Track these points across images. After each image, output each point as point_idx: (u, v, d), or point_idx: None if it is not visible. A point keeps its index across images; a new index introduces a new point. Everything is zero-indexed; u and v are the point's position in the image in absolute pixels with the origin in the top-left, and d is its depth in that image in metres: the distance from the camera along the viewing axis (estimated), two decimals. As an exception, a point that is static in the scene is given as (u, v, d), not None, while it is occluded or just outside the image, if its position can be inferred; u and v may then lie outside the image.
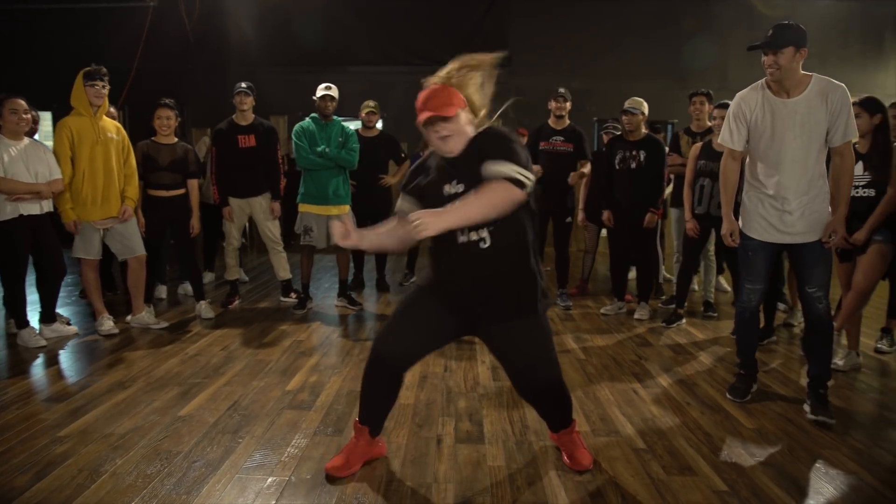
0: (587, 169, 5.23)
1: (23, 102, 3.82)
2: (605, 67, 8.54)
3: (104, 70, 4.06)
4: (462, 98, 2.03)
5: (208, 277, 5.78)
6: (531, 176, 1.94)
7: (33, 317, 4.07)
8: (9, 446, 2.49)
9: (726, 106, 4.10)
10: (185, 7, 7.96)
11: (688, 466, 2.37)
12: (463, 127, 2.03)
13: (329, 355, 3.72)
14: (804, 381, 3.06)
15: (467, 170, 2.01)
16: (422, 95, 2.06)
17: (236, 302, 5.04)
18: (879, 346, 3.89)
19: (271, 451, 2.47)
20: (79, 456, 2.41)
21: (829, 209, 2.80)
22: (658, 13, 8.50)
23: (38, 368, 3.47)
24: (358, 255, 5.67)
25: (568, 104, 5.04)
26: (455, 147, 2.04)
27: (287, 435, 2.61)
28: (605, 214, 4.76)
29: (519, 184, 1.90)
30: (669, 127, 8.52)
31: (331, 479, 2.23)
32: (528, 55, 8.58)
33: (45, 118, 6.78)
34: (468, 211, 1.87)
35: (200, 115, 8.29)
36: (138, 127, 4.40)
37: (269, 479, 2.25)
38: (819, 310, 2.83)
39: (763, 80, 2.84)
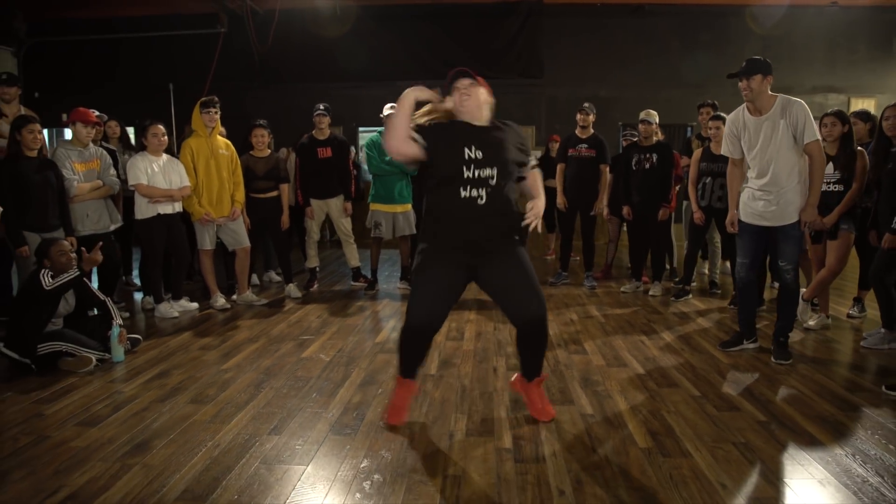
0: (607, 173, 6.06)
1: (162, 127, 4.91)
2: (629, 76, 9.43)
3: (216, 99, 5.15)
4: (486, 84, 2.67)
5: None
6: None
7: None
8: (192, 373, 3.55)
9: (719, 118, 5.02)
10: (254, 33, 9.09)
11: (673, 383, 3.31)
12: (482, 99, 2.61)
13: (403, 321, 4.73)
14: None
15: (491, 145, 2.58)
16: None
17: (315, 286, 6.09)
18: (851, 312, 4.73)
19: (376, 375, 3.48)
20: (242, 380, 3.45)
21: (801, 200, 3.57)
22: (676, 26, 9.34)
23: (181, 331, 4.54)
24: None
25: (591, 116, 5.93)
26: (472, 109, 2.59)
27: (385, 368, 3.62)
28: (625, 209, 5.69)
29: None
30: (688, 130, 9.35)
31: (392, 428, 2.77)
32: (558, 67, 9.53)
33: (130, 132, 7.90)
34: (540, 191, 2.75)
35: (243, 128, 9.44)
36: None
37: (380, 390, 3.25)
38: (787, 279, 3.70)
39: (745, 103, 3.70)
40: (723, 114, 5.11)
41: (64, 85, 9.63)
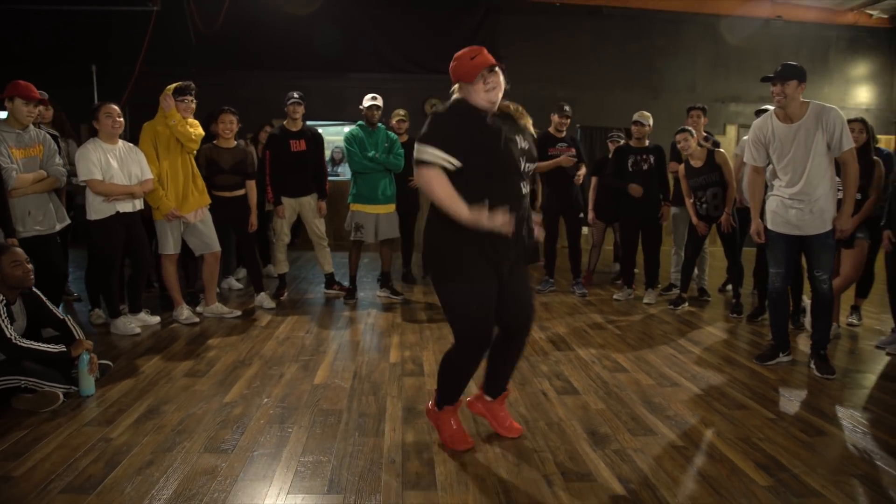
0: (583, 170, 5.84)
1: (116, 107, 4.17)
2: (586, 77, 9.32)
3: (193, 85, 4.47)
4: None
5: (241, 273, 6.16)
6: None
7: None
8: (189, 410, 2.95)
9: (685, 130, 4.96)
10: (191, 12, 8.22)
11: (742, 405, 3.09)
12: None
13: (406, 335, 4.28)
14: (803, 347, 3.85)
15: (526, 137, 2.46)
16: (475, 48, 2.38)
17: (286, 294, 5.49)
18: (851, 320, 4.75)
19: (416, 405, 3.03)
20: (257, 416, 2.90)
21: (834, 207, 3.52)
22: (633, 30, 9.34)
23: (148, 352, 3.86)
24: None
25: (569, 120, 5.70)
26: (497, 99, 2.36)
27: (419, 395, 3.17)
28: (632, 187, 5.36)
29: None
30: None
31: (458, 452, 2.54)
32: (517, 65, 9.25)
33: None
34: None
35: (200, 118, 8.59)
36: (139, 128, 4.73)
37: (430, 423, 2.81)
38: (823, 290, 3.60)
39: (772, 110, 3.58)
40: (688, 127, 5.07)
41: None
